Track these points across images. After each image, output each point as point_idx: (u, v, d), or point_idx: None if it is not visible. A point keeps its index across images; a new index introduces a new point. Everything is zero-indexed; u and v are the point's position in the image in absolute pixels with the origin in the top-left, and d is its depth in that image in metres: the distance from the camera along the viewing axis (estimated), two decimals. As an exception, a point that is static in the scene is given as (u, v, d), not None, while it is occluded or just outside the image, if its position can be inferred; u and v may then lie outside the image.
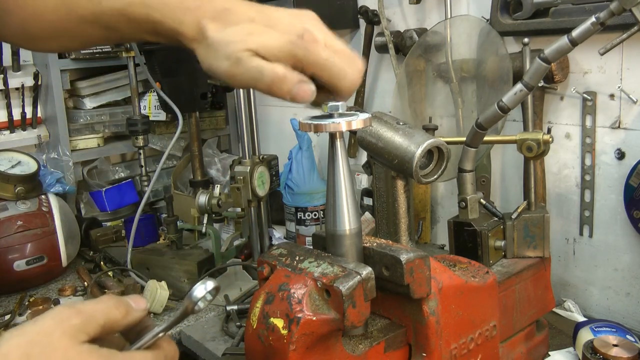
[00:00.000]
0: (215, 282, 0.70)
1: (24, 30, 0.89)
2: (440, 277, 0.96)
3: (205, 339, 1.57)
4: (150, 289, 1.70)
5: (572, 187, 1.60)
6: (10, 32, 0.90)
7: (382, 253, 0.90)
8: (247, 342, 0.90)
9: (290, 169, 2.13)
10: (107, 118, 2.38)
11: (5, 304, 1.87)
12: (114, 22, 0.81)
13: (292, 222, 2.13)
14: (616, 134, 1.49)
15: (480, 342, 1.04)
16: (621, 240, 1.52)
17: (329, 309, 0.83)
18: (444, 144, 1.07)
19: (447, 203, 1.97)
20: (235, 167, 1.84)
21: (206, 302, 0.69)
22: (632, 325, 1.49)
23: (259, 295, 0.89)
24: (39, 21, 0.87)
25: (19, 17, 0.87)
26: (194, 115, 2.00)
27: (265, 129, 2.56)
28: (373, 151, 1.11)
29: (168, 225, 1.92)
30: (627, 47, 1.42)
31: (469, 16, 1.72)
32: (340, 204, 0.87)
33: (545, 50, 1.08)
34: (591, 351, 1.19)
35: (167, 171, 2.49)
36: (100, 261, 2.07)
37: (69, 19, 0.85)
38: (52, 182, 2.16)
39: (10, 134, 2.23)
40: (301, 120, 0.84)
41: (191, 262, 1.79)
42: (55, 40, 0.90)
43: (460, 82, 1.71)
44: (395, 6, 1.98)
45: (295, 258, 0.90)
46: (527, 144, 1.23)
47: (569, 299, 1.60)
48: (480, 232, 1.23)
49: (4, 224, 1.92)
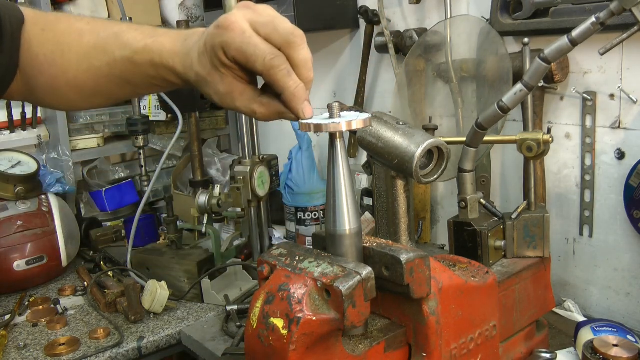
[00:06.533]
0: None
1: (53, 89, 0.96)
2: (440, 277, 0.96)
3: (205, 339, 1.57)
4: (150, 289, 1.70)
5: (572, 187, 1.60)
6: (41, 93, 0.98)
7: (382, 253, 0.90)
8: (247, 342, 0.90)
9: (290, 169, 2.13)
10: (107, 118, 2.39)
11: (5, 304, 1.87)
12: (124, 71, 0.90)
13: (292, 222, 2.13)
14: (616, 134, 1.49)
15: (480, 342, 1.04)
16: (621, 240, 1.52)
17: (329, 309, 0.83)
18: (444, 144, 1.07)
19: (447, 203, 1.97)
20: (235, 167, 1.84)
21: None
22: (633, 325, 1.48)
23: (259, 295, 0.89)
24: (65, 77, 0.94)
25: (49, 75, 0.95)
26: (194, 115, 2.00)
27: (265, 129, 2.56)
28: (373, 151, 1.11)
29: (168, 225, 1.92)
30: (627, 47, 1.42)
31: (469, 16, 1.72)
32: (340, 204, 0.87)
33: (545, 50, 1.08)
34: (591, 351, 1.19)
35: (167, 171, 2.49)
36: (100, 261, 2.07)
37: (89, 73, 0.93)
38: (52, 182, 2.16)
39: (10, 134, 2.23)
40: (301, 121, 0.84)
41: (191, 262, 1.79)
42: (79, 95, 0.97)
43: (460, 82, 1.71)
44: (395, 6, 1.98)
45: (295, 258, 0.90)
46: (527, 144, 1.23)
47: (569, 299, 1.60)
48: (480, 232, 1.23)
49: (4, 224, 1.92)
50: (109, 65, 0.91)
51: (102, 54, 0.92)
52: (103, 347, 1.56)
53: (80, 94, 0.97)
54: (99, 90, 0.96)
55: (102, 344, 1.58)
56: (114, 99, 1.03)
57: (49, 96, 0.99)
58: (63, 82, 0.95)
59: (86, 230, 2.22)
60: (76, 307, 1.83)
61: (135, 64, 0.89)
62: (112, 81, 0.94)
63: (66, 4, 2.29)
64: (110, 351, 1.55)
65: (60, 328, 1.68)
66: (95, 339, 1.60)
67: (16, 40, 0.94)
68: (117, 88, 0.95)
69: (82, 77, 0.94)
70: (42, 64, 0.95)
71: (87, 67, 0.93)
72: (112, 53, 0.91)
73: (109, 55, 0.91)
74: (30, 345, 1.60)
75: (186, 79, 0.86)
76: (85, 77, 0.94)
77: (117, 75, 0.92)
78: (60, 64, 0.94)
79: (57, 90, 0.97)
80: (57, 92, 0.97)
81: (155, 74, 0.89)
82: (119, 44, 0.91)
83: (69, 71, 0.94)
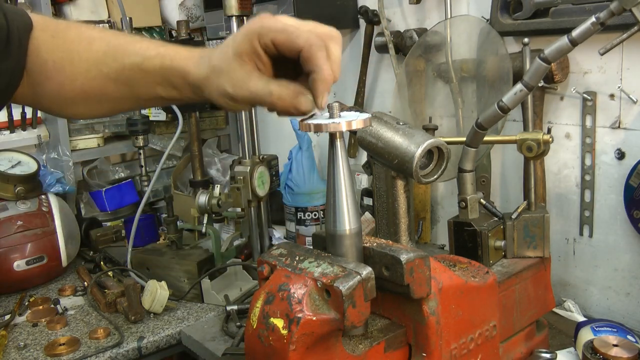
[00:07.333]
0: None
1: (59, 95, 0.97)
2: (440, 277, 0.96)
3: (205, 339, 1.57)
4: (150, 289, 1.70)
5: (572, 187, 1.60)
6: (47, 99, 0.99)
7: (382, 253, 0.90)
8: (247, 342, 0.90)
9: (290, 169, 2.13)
10: (107, 118, 2.38)
11: (5, 304, 1.87)
12: (132, 76, 0.92)
13: (292, 222, 2.13)
14: (616, 134, 1.49)
15: (480, 342, 1.04)
16: (621, 240, 1.52)
17: (329, 309, 0.83)
18: (444, 144, 1.07)
19: (447, 203, 1.97)
20: (235, 167, 1.84)
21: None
22: (632, 325, 1.48)
23: (259, 295, 0.89)
24: (72, 84, 0.95)
25: (56, 82, 0.96)
26: (193, 115, 2.00)
27: (265, 129, 2.56)
28: (373, 151, 1.11)
29: (168, 225, 1.92)
30: (627, 47, 1.42)
31: (469, 16, 1.72)
32: (340, 204, 0.87)
33: (545, 50, 1.08)
34: (591, 351, 1.19)
35: (167, 171, 2.49)
36: (100, 261, 2.07)
37: (97, 80, 0.94)
38: (52, 182, 2.16)
39: (10, 134, 2.23)
40: (301, 121, 0.84)
41: (191, 262, 1.79)
42: (84, 103, 0.99)
43: (460, 82, 1.71)
44: (395, 6, 1.98)
45: (295, 258, 0.90)
46: (527, 144, 1.23)
47: (569, 299, 1.60)
48: (480, 232, 1.23)
49: (4, 224, 1.92)
50: (117, 71, 0.93)
51: (111, 61, 0.93)
52: (103, 347, 1.56)
53: (85, 102, 0.98)
54: (103, 98, 0.97)
55: (102, 344, 1.58)
56: (116, 110, 1.05)
57: (54, 103, 1.00)
58: (70, 89, 0.96)
59: (86, 230, 2.22)
60: (76, 307, 1.83)
61: (144, 70, 0.91)
62: (117, 89, 0.95)
63: (66, 4, 2.29)
64: (110, 351, 1.55)
65: (60, 328, 1.68)
66: (95, 339, 1.60)
67: (24, 46, 0.94)
68: (122, 95, 0.96)
69: (90, 85, 0.95)
70: (50, 70, 0.95)
71: (95, 74, 0.94)
72: (122, 60, 0.92)
73: (118, 62, 0.92)
74: (30, 345, 1.60)
75: (195, 78, 0.86)
76: (93, 85, 0.95)
77: (123, 82, 0.93)
78: (69, 71, 0.95)
79: (63, 97, 0.98)
80: (63, 99, 0.98)
81: (161, 79, 0.90)
82: (129, 51, 0.92)
83: (78, 79, 0.95)
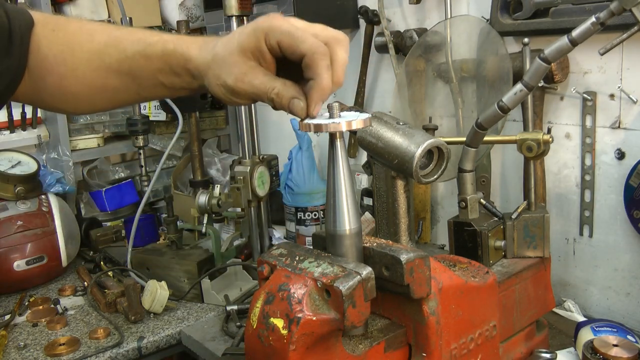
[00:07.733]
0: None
1: (60, 89, 0.97)
2: (440, 277, 0.96)
3: (205, 339, 1.57)
4: (150, 289, 1.70)
5: (572, 187, 1.60)
6: (48, 93, 0.98)
7: (382, 253, 0.90)
8: (247, 342, 0.90)
9: (290, 169, 2.13)
10: (107, 118, 2.38)
11: (5, 304, 1.87)
12: (134, 65, 0.92)
13: (292, 222, 2.13)
14: (616, 134, 1.49)
15: (480, 342, 1.04)
16: (621, 240, 1.52)
17: (329, 309, 0.83)
18: (444, 144, 1.07)
19: (447, 203, 1.97)
20: (235, 167, 1.84)
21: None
22: (632, 325, 1.48)
23: (259, 295, 0.89)
24: (74, 76, 0.95)
25: (58, 74, 0.96)
26: (194, 115, 2.00)
27: (265, 129, 2.56)
28: (373, 151, 1.11)
29: (168, 225, 1.92)
30: (627, 47, 1.42)
31: (469, 16, 1.72)
32: (340, 204, 0.87)
33: (545, 50, 1.08)
34: (591, 351, 1.19)
35: (167, 171, 2.49)
36: (100, 261, 2.07)
37: (99, 72, 0.94)
38: (52, 182, 2.16)
39: (10, 134, 2.23)
40: (301, 121, 0.84)
41: (191, 262, 1.79)
42: (86, 97, 0.98)
43: (460, 82, 1.71)
44: (395, 6, 1.98)
45: (295, 258, 0.90)
46: (527, 144, 1.23)
47: (569, 299, 1.60)
48: (480, 232, 1.23)
49: (4, 224, 1.92)
50: (119, 61, 0.93)
51: (113, 50, 0.93)
52: (103, 347, 1.55)
53: (86, 94, 0.98)
54: (105, 89, 0.97)
55: (102, 344, 1.58)
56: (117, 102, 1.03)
57: (55, 97, 1.00)
58: (72, 81, 0.96)
59: (86, 230, 2.22)
60: (76, 307, 1.83)
61: (145, 56, 0.90)
62: (119, 78, 0.94)
63: (66, 4, 2.29)
64: (110, 351, 1.55)
65: (60, 328, 1.68)
66: (95, 339, 1.60)
67: (25, 44, 0.94)
68: (123, 86, 0.96)
69: (92, 76, 0.95)
70: (51, 64, 0.95)
71: (97, 64, 0.94)
72: (124, 49, 0.92)
73: (121, 51, 0.92)
74: (30, 345, 1.60)
75: (196, 63, 0.86)
76: (95, 75, 0.95)
77: (125, 71, 0.93)
78: (70, 62, 0.95)
79: (64, 90, 0.97)
80: (64, 93, 0.98)
81: (162, 64, 0.90)
82: (131, 40, 0.92)
83: (79, 69, 0.95)
